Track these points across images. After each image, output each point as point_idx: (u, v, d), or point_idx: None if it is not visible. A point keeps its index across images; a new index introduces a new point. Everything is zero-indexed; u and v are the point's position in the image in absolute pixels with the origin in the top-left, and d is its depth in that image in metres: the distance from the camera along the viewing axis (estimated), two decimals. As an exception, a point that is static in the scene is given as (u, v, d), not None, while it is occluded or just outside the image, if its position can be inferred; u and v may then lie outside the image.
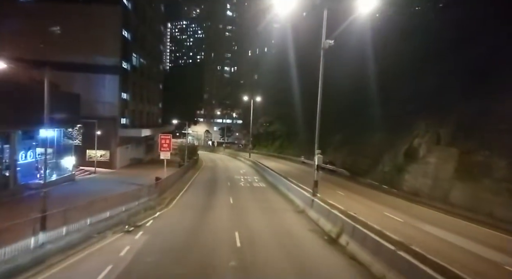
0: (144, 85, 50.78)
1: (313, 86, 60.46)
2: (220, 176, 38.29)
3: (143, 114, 50.84)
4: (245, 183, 32.56)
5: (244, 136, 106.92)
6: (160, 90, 63.14)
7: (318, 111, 21.10)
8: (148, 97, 53.34)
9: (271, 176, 35.79)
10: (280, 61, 79.04)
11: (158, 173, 36.89)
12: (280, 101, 71.88)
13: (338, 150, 52.85)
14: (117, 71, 39.11)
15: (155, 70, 58.14)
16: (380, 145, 41.66)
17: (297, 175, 42.07)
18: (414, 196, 27.48)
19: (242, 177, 37.62)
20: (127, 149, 43.53)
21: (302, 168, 52.42)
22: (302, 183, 32.56)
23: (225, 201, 23.03)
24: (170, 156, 28.52)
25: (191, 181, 33.21)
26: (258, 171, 43.88)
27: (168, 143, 27.03)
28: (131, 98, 44.23)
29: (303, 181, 34.30)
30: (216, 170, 46.12)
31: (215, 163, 57.11)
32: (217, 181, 33.76)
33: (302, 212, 20.28)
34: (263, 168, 42.82)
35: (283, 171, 43.29)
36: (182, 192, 26.55)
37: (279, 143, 79.00)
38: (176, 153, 54.12)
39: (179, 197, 24.19)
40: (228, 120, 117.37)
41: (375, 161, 39.67)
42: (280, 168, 48.30)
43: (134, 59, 45.40)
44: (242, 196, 25.33)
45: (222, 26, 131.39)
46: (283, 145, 77.11)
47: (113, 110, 39.02)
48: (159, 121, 62.43)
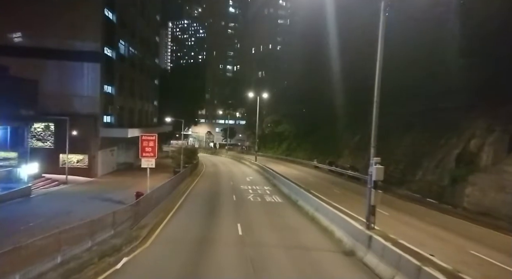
0: (135, 79, 43.46)
1: (324, 82, 52.93)
2: (223, 186, 30.89)
3: (134, 112, 43.49)
4: (255, 196, 25.14)
5: (247, 137, 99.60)
6: (155, 86, 55.82)
7: (375, 95, 13.63)
8: (141, 93, 46.01)
9: (285, 186, 28.35)
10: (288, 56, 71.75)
11: (148, 182, 29.78)
12: (289, 99, 64.45)
13: (357, 153, 45.37)
14: (98, 59, 31.80)
15: (149, 64, 50.82)
16: (414, 147, 34.20)
17: (315, 183, 34.64)
18: (484, 217, 20.04)
19: (250, 187, 30.21)
20: (112, 152, 36.16)
21: (317, 173, 44.95)
22: (327, 195, 25.22)
23: (230, 231, 15.60)
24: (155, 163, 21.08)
25: (186, 194, 25.81)
26: (268, 179, 36.46)
27: (153, 146, 19.69)
28: (118, 93, 36.91)
29: (326, 193, 26.95)
30: (218, 177, 38.70)
31: (217, 168, 49.70)
32: (219, 194, 26.37)
33: (352, 254, 12.81)
34: (273, 175, 35.42)
35: (296, 177, 35.97)
36: (171, 213, 19.12)
37: (286, 145, 71.50)
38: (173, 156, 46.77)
39: (165, 223, 16.76)
40: (231, 121, 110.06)
41: (411, 167, 32.22)
42: (292, 174, 40.89)
43: (121, 47, 38.10)
44: (255, 220, 17.89)
45: (224, 23, 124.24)
46: (291, 146, 69.61)
47: (93, 105, 31.72)
48: (155, 121, 55.07)
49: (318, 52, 59.10)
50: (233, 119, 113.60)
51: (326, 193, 26.92)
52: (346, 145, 49.99)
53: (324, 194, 26.12)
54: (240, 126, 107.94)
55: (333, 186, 33.06)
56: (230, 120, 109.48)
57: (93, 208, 19.31)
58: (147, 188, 20.50)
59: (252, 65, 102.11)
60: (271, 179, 35.09)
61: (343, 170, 40.85)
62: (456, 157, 26.00)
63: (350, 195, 28.05)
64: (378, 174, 12.87)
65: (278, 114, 67.69)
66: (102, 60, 32.52)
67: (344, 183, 35.90)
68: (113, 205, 20.06)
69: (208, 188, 29.74)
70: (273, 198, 24.93)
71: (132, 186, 29.29)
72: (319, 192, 26.48)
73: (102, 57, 32.42)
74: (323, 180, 37.93)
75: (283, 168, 49.41)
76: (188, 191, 27.40)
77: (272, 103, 69.78)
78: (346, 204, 22.47)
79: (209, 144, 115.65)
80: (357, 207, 21.99)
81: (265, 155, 69.19)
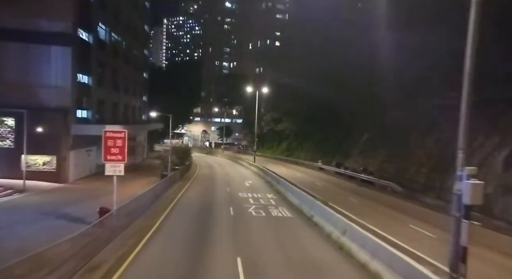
0: (120, 70, 38.05)
1: (328, 77, 47.62)
2: (218, 194, 25.62)
3: (118, 107, 38.05)
4: (257, 209, 19.91)
5: (244, 136, 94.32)
6: (145, 80, 50.37)
7: (464, 85, 7.94)
8: (126, 87, 40.60)
9: (294, 194, 23.12)
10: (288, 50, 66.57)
11: (129, 188, 24.51)
12: (290, 96, 59.20)
13: (367, 154, 40.23)
14: (69, 42, 26.39)
15: (137, 54, 45.35)
16: (439, 147, 29.12)
17: (324, 189, 29.46)
18: None
19: (250, 194, 24.94)
20: (89, 153, 30.73)
21: (323, 176, 39.80)
22: (344, 206, 20.16)
23: (227, 275, 10.31)
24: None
25: (171, 206, 20.48)
26: (270, 183, 31.25)
27: (121, 146, 14.38)
28: (97, 84, 31.50)
29: (342, 202, 21.87)
30: (212, 180, 33.42)
31: (212, 170, 44.41)
32: (213, 206, 21.11)
33: None
34: (276, 179, 30.22)
35: (301, 181, 30.99)
36: (146, 238, 13.78)
37: (286, 144, 66.31)
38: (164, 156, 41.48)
39: (133, 259, 11.41)
40: (227, 120, 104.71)
41: (439, 171, 27.12)
42: (295, 177, 35.81)
43: (101, 32, 32.63)
44: (262, 251, 12.57)
45: (220, 19, 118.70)
46: (291, 146, 64.42)
47: (64, 97, 26.30)
48: (144, 118, 49.61)
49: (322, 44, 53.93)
50: (230, 118, 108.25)
51: (341, 202, 21.82)
52: (354, 144, 44.86)
53: (340, 204, 21.01)
54: (237, 125, 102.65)
55: (346, 193, 27.91)
56: (227, 119, 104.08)
57: (37, 230, 14.02)
58: (114, 201, 15.16)
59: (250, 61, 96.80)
60: (274, 184, 29.86)
61: (354, 172, 35.70)
62: (504, 159, 20.95)
63: (372, 205, 22.89)
64: (475, 194, 7.61)
65: (279, 111, 62.39)
66: (75, 44, 27.09)
67: (357, 188, 30.77)
68: (68, 225, 14.76)
69: (200, 196, 24.43)
70: (280, 210, 19.68)
71: (109, 194, 23.93)
72: (334, 201, 21.36)
73: (74, 41, 27.00)
74: (332, 185, 32.80)
75: (284, 169, 44.27)
76: (175, 201, 22.07)
77: (271, 100, 64.52)
78: (372, 219, 17.39)
79: (205, 143, 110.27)
80: (390, 225, 16.96)
81: (263, 155, 63.97)
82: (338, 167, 40.27)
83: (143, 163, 47.53)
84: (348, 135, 47.21)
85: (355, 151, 44.12)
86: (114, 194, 14.82)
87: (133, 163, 43.89)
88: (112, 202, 15.56)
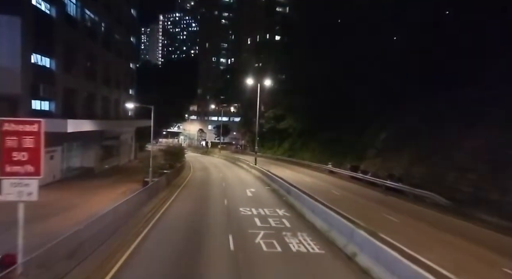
0: (98, 56, 31.54)
1: (337, 68, 41.01)
2: (213, 210, 19.24)
3: (94, 100, 31.55)
4: (268, 237, 13.57)
5: (242, 135, 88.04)
6: (132, 72, 43.82)
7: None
8: (107, 77, 34.11)
9: (314, 211, 16.70)
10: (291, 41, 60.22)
11: (98, 201, 18.29)
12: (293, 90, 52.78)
13: (387, 156, 33.92)
14: (17, 9, 19.80)
15: (120, 40, 38.81)
16: (490, 149, 22.95)
17: (345, 200, 23.04)
18: None
19: (255, 210, 18.56)
20: (52, 154, 24.20)
21: (337, 182, 33.50)
22: (382, 227, 14.00)
23: None
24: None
25: (143, 234, 14.03)
26: (277, 192, 24.90)
27: (34, 147, 7.84)
28: (63, 69, 24.97)
29: (376, 220, 15.70)
30: (207, 189, 27.02)
31: (207, 173, 38.08)
32: (205, 231, 14.79)
33: None
34: (286, 187, 23.83)
35: (312, 188, 24.94)
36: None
37: (288, 144, 59.97)
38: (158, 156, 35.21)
39: None
40: (224, 118, 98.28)
41: (494, 179, 20.95)
42: (304, 182, 29.74)
43: (70, 5, 26.08)
44: None
45: (217, 13, 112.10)
46: (294, 146, 58.08)
47: (10, 82, 19.73)
48: (130, 114, 43.08)
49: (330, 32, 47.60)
50: (227, 116, 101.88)
51: (378, 222, 15.63)
52: (369, 144, 38.57)
53: (378, 225, 14.71)
54: (235, 124, 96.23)
55: (376, 206, 21.65)
56: (224, 117, 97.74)
57: None
58: (20, 248, 8.68)
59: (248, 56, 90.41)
60: (283, 194, 23.49)
61: (376, 178, 29.39)
62: None
63: (424, 229, 16.46)
64: None
65: (281, 108, 55.93)
66: (28, 14, 20.59)
67: (385, 199, 24.51)
68: None
69: (188, 214, 18.01)
70: (302, 240, 13.28)
71: (67, 210, 17.54)
72: (367, 219, 15.21)
73: (26, 9, 20.48)
74: (352, 193, 26.49)
75: (289, 173, 38.07)
76: (151, 224, 15.61)
77: (273, 96, 58.12)
78: (443, 258, 11.19)
79: (201, 143, 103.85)
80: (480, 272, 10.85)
81: (263, 156, 57.57)
82: (354, 171, 33.99)
83: (129, 165, 41.02)
84: (362, 134, 40.94)
85: (371, 151, 37.87)
86: (19, 235, 8.31)
87: (116, 166, 37.48)
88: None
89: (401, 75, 35.72)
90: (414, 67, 34.63)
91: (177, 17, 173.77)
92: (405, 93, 35.93)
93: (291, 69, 52.60)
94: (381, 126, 38.23)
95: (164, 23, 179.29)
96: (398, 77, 36.14)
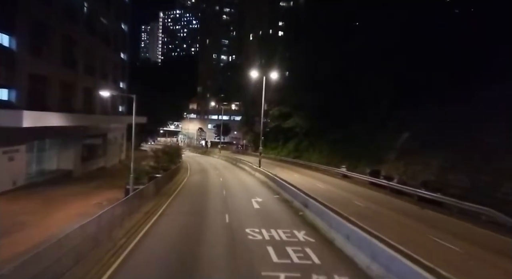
0: (78, 40, 26.62)
1: (351, 62, 35.39)
2: (211, 231, 14.31)
3: (73, 91, 26.61)
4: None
5: (243, 135, 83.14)
6: (123, 62, 38.92)
7: None
8: (91, 66, 29.19)
9: (349, 237, 11.79)
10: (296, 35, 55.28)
11: (61, 217, 13.57)
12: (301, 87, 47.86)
13: (412, 159, 29.12)
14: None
15: (108, 25, 33.89)
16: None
17: (375, 214, 18.10)
18: None
19: (266, 232, 13.74)
20: (11, 156, 19.23)
21: (353, 188, 28.58)
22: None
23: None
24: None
25: (109, 273, 9.08)
26: (289, 203, 20.03)
27: None
28: (29, 50, 20.01)
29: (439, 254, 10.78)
30: (204, 198, 22.09)
31: (205, 176, 33.25)
32: (199, 270, 9.80)
33: None
34: (302, 198, 18.90)
35: (330, 198, 20.26)
36: None
37: (293, 144, 55.05)
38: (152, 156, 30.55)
39: None
40: (225, 117, 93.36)
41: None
42: (317, 189, 25.15)
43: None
44: None
45: (218, 8, 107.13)
46: (300, 146, 53.16)
47: None
48: (120, 110, 38.18)
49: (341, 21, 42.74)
50: (228, 115, 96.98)
51: (425, 248, 10.80)
52: (388, 145, 33.68)
53: (431, 255, 9.86)
54: (235, 123, 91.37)
55: (416, 224, 16.80)
56: (224, 116, 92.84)
57: None
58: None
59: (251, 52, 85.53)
60: (298, 207, 18.57)
61: (404, 186, 24.46)
62: None
63: (499, 264, 11.66)
64: None
65: (288, 105, 50.95)
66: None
67: (422, 214, 19.63)
68: None
69: (177, 242, 13.04)
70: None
71: (16, 231, 12.66)
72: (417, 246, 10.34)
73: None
74: (380, 206, 21.52)
75: (297, 177, 33.33)
76: (120, 258, 10.70)
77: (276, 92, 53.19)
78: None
79: (200, 142, 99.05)
80: None
81: (266, 156, 52.65)
82: (375, 176, 29.08)
83: (118, 166, 36.09)
84: (379, 134, 36.10)
85: (391, 153, 33.00)
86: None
87: (102, 168, 32.57)
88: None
89: (426, 66, 30.92)
90: (444, 56, 29.89)
91: (178, 14, 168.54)
92: (431, 87, 31.21)
93: (298, 64, 47.72)
94: (401, 125, 33.42)
95: (164, 20, 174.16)
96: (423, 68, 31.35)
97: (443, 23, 31.22)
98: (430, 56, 30.58)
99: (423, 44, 31.69)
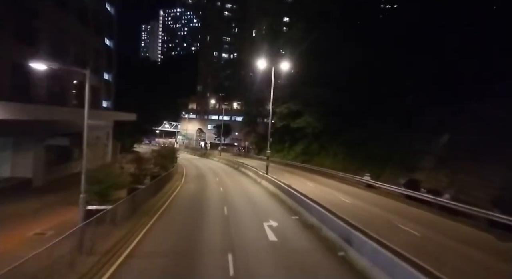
0: (44, 14, 20.61)
1: (371, 54, 29.57)
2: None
3: (35, 77, 20.55)
4: None
5: (245, 136, 77.22)
6: (106, 48, 32.93)
7: None
8: (61, 48, 23.15)
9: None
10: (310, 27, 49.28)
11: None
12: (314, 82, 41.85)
13: (457, 167, 23.10)
14: None
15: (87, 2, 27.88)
16: None
17: (443, 252, 12.04)
18: None
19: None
20: None
21: (386, 202, 22.39)
22: None
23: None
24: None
25: None
26: (317, 231, 13.88)
27: None
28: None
29: None
30: (198, 221, 15.94)
31: (203, 185, 27.21)
32: None
33: None
34: (344, 230, 12.80)
35: (359, 217, 14.15)
36: None
37: (302, 147, 48.99)
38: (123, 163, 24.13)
39: None
40: (225, 117, 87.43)
41: None
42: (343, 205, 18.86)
43: None
44: None
45: (220, 4, 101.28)
46: (310, 149, 47.11)
47: None
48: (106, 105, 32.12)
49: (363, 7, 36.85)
50: (228, 115, 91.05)
51: None
52: (422, 149, 27.62)
53: None
54: (236, 123, 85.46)
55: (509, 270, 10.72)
56: (225, 116, 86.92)
57: None
58: None
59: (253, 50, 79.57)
60: (335, 242, 12.41)
61: (467, 207, 18.31)
62: None
63: None
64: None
65: (298, 102, 44.82)
66: None
67: (508, 250, 13.56)
68: None
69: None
70: None
71: None
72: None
73: None
74: (436, 233, 15.36)
75: (313, 186, 27.58)
76: None
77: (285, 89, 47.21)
78: None
79: (200, 143, 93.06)
80: None
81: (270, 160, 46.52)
82: (414, 188, 23.00)
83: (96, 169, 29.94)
84: (405, 134, 30.15)
85: (426, 159, 26.94)
86: None
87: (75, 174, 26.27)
88: None
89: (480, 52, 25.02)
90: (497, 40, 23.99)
91: (178, 13, 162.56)
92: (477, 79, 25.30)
93: (316, 51, 41.48)
94: (438, 125, 27.45)
95: (165, 19, 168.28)
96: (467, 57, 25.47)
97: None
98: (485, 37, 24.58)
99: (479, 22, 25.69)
